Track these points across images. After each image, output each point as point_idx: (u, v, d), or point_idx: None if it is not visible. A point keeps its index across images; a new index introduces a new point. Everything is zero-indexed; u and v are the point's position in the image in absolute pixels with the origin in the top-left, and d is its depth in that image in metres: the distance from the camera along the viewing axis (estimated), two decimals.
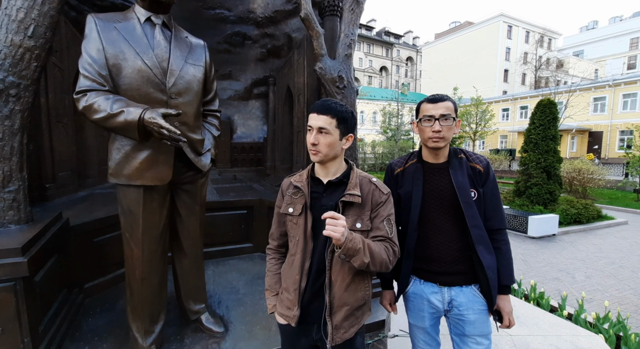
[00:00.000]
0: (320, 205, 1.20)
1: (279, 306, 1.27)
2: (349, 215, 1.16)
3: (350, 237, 1.03)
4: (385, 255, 1.14)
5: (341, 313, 1.17)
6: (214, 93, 2.11)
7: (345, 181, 1.20)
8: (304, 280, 1.19)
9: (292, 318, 1.20)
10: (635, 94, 21.44)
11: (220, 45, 3.63)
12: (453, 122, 1.33)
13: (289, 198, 1.25)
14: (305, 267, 1.19)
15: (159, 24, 1.74)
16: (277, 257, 1.36)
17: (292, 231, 1.24)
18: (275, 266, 1.35)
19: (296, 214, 1.20)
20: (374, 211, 1.20)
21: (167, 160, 1.73)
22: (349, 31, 2.67)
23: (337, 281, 1.17)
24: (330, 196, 1.20)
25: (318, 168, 1.24)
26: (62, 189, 2.53)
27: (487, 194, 1.39)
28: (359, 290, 1.22)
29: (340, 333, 1.17)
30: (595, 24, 45.37)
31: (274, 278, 1.34)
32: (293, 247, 1.23)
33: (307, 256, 1.19)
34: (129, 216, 1.75)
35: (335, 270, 1.17)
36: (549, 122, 8.13)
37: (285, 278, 1.26)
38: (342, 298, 1.17)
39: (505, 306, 1.38)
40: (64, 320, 1.90)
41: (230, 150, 4.05)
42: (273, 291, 1.33)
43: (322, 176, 1.23)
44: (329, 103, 1.18)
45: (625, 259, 5.56)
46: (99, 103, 1.50)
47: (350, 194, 1.15)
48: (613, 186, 13.08)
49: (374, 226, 1.19)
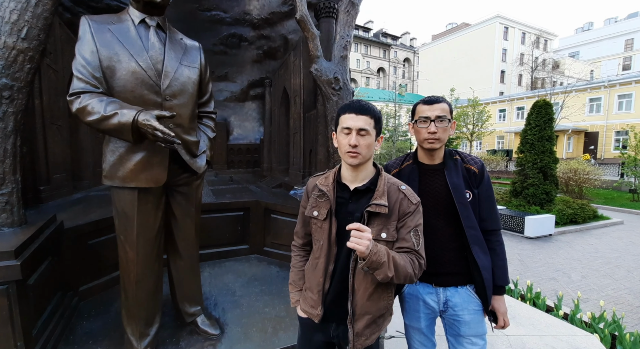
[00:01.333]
0: (345, 211, 1.16)
1: (302, 302, 1.29)
2: (374, 225, 1.11)
3: (375, 250, 0.99)
4: (411, 268, 1.09)
5: (363, 322, 1.16)
6: (209, 95, 2.11)
7: (373, 189, 1.15)
8: (327, 283, 1.20)
9: (315, 316, 1.21)
10: (630, 95, 21.63)
11: (216, 47, 3.63)
12: (448, 124, 1.34)
13: (314, 200, 1.22)
14: (329, 271, 1.19)
15: (153, 26, 1.74)
16: (302, 254, 1.37)
17: (316, 235, 1.22)
18: (300, 262, 1.36)
19: (321, 218, 1.18)
20: (400, 221, 1.14)
21: (162, 162, 1.73)
22: (344, 33, 2.68)
23: (359, 289, 1.14)
24: (356, 203, 1.16)
25: (346, 172, 1.19)
26: (56, 191, 2.51)
27: (482, 195, 1.40)
28: (381, 300, 1.19)
29: (361, 340, 1.16)
30: (590, 25, 45.76)
31: (298, 274, 1.35)
32: (317, 250, 1.22)
33: (330, 260, 1.18)
34: (124, 218, 1.74)
35: (358, 278, 1.15)
36: (545, 123, 8.18)
37: (309, 278, 1.26)
38: (364, 307, 1.15)
39: (500, 306, 1.39)
40: (58, 323, 1.88)
41: (227, 152, 4.05)
42: (297, 287, 1.34)
43: (349, 182, 1.18)
44: (365, 103, 1.14)
45: (621, 259, 5.59)
46: (92, 105, 1.49)
47: (376, 204, 1.10)
48: (609, 186, 13.17)
49: (400, 237, 1.14)
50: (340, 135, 1.14)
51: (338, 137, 1.16)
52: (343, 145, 1.13)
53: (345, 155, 1.13)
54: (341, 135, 1.13)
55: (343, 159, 1.16)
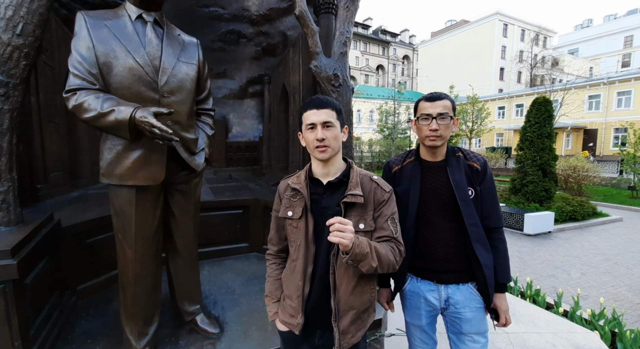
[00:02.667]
0: (321, 207, 1.16)
1: (280, 313, 1.23)
2: (351, 216, 1.11)
3: (357, 242, 0.99)
4: (392, 256, 1.11)
5: (348, 318, 1.14)
6: (207, 92, 2.09)
7: (346, 181, 1.16)
8: (307, 286, 1.15)
9: (295, 326, 1.16)
10: (629, 92, 21.65)
11: (214, 44, 3.59)
12: (450, 121, 1.32)
13: (287, 201, 1.19)
14: (307, 272, 1.15)
15: (150, 22, 1.71)
16: (278, 262, 1.32)
17: (292, 236, 1.19)
18: (276, 271, 1.30)
19: (296, 217, 1.16)
20: (377, 210, 1.16)
21: (160, 160, 1.71)
22: (344, 29, 2.66)
23: (342, 284, 1.13)
24: (330, 197, 1.16)
25: (317, 168, 1.19)
26: (54, 190, 2.49)
27: (485, 192, 1.39)
28: (365, 293, 1.18)
29: (347, 338, 1.14)
30: (590, 22, 45.69)
31: (274, 284, 1.29)
32: (294, 252, 1.18)
33: (309, 261, 1.15)
34: (122, 217, 1.72)
35: (339, 273, 1.13)
36: (545, 120, 8.17)
37: (287, 284, 1.21)
38: (348, 302, 1.13)
39: (502, 304, 1.37)
40: (56, 323, 1.87)
41: (226, 149, 4.02)
42: (274, 298, 1.28)
43: (322, 177, 1.18)
44: (324, 98, 1.16)
45: (620, 256, 5.60)
46: (89, 102, 1.47)
47: (352, 194, 1.11)
48: (608, 183, 13.20)
49: (377, 226, 1.15)
50: (307, 133, 1.13)
51: (304, 135, 1.15)
52: (310, 142, 1.12)
53: (314, 150, 1.13)
54: (307, 132, 1.13)
55: (313, 156, 1.16)
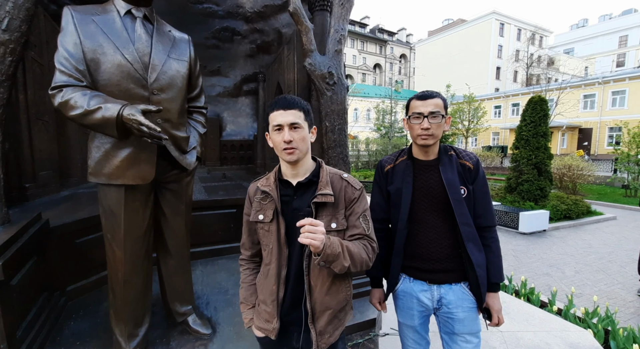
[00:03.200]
0: (292, 209, 1.14)
1: (256, 319, 1.21)
2: (323, 216, 1.10)
3: (328, 243, 0.97)
4: (365, 254, 1.11)
5: (324, 318, 1.13)
6: (199, 89, 2.06)
7: (316, 181, 1.14)
8: (281, 289, 1.13)
9: (271, 331, 1.14)
10: (624, 91, 21.81)
11: (208, 41, 3.55)
12: (442, 119, 1.31)
13: (257, 204, 1.17)
14: (282, 276, 1.13)
15: (140, 17, 1.68)
16: (252, 267, 1.29)
17: (264, 239, 1.16)
18: (250, 276, 1.28)
19: (267, 221, 1.13)
20: (348, 208, 1.15)
21: (150, 159, 1.68)
22: (339, 26, 2.63)
23: (317, 285, 1.12)
24: (301, 198, 1.14)
25: (286, 169, 1.15)
26: (43, 189, 2.44)
27: (477, 191, 1.38)
28: (340, 292, 1.17)
29: (325, 338, 1.13)
30: (585, 21, 45.97)
31: (249, 290, 1.26)
32: (267, 256, 1.16)
33: (283, 264, 1.13)
34: (110, 216, 1.69)
35: (313, 274, 1.12)
36: (540, 119, 8.21)
37: (261, 289, 1.18)
38: (324, 303, 1.12)
39: (495, 304, 1.36)
40: (44, 324, 1.83)
41: (220, 148, 3.98)
42: (249, 304, 1.25)
43: (291, 178, 1.16)
44: (291, 98, 1.12)
45: (614, 254, 5.65)
46: (75, 99, 1.43)
47: (322, 194, 1.09)
48: (602, 182, 13.32)
49: (350, 224, 1.14)
50: (274, 134, 1.10)
51: (272, 137, 1.11)
52: (278, 143, 1.09)
53: (282, 152, 1.10)
54: (274, 133, 1.10)
55: (281, 157, 1.13)
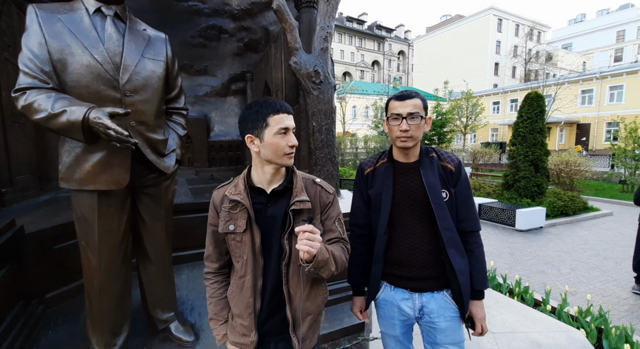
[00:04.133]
0: (266, 217, 1.09)
1: (230, 334, 1.15)
2: (300, 222, 1.06)
3: (320, 249, 0.96)
4: (344, 256, 1.13)
5: (306, 324, 1.12)
6: (178, 90, 1.99)
7: (290, 187, 1.11)
8: (258, 301, 1.09)
9: (249, 344, 1.09)
10: (621, 86, 21.78)
11: (194, 40, 3.47)
12: (421, 121, 1.25)
13: (226, 214, 1.08)
14: (258, 287, 1.09)
15: (110, 15, 1.61)
16: (220, 280, 1.20)
17: (237, 251, 1.09)
18: (219, 290, 1.19)
19: (239, 231, 1.06)
20: (323, 213, 1.15)
21: (123, 163, 1.62)
22: (324, 23, 2.56)
23: (296, 293, 1.09)
24: (276, 205, 1.09)
25: (264, 176, 1.10)
26: (20, 194, 2.38)
27: (459, 194, 1.32)
28: (318, 296, 1.17)
29: (306, 344, 1.13)
30: (583, 16, 45.80)
31: (219, 305, 1.18)
32: (241, 268, 1.09)
33: (258, 274, 1.09)
34: (84, 223, 1.64)
35: (292, 283, 1.08)
36: (537, 115, 8.16)
37: (235, 303, 1.12)
38: (304, 309, 1.10)
39: (478, 312, 1.31)
40: (20, 333, 1.78)
41: (208, 149, 3.91)
42: (221, 320, 1.19)
43: (266, 185, 1.10)
44: (287, 104, 1.11)
45: (610, 250, 5.62)
46: (39, 102, 1.37)
47: (299, 201, 1.06)
48: (599, 177, 13.30)
49: (326, 228, 1.14)
50: (276, 137, 1.04)
51: (272, 140, 1.04)
52: (281, 147, 1.04)
53: (284, 157, 1.06)
54: (277, 136, 1.04)
55: (279, 162, 1.07)
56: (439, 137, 19.87)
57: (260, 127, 1.04)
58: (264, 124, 1.04)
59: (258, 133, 1.05)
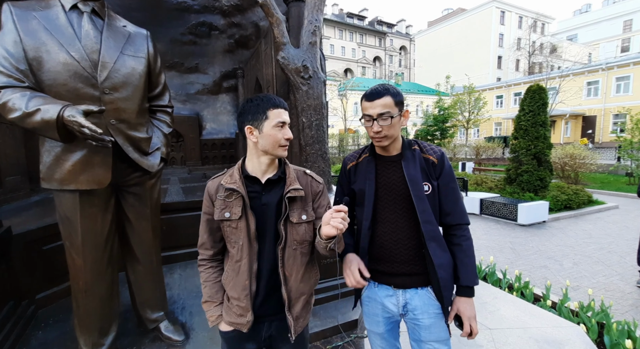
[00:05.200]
0: (260, 204, 1.15)
1: (226, 315, 1.20)
2: (295, 209, 1.15)
3: None
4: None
5: (300, 304, 1.19)
6: (162, 87, 1.97)
7: (283, 177, 1.18)
8: (254, 284, 1.15)
9: (245, 324, 1.15)
10: (628, 77, 21.34)
11: (184, 37, 3.43)
12: (393, 120, 1.20)
13: (221, 202, 1.14)
14: (253, 270, 1.15)
15: (87, 12, 1.58)
16: (215, 266, 1.26)
17: (232, 237, 1.15)
18: (214, 274, 1.25)
19: (235, 218, 1.12)
20: (315, 202, 1.22)
21: (105, 161, 1.60)
22: (313, 17, 2.51)
23: (291, 275, 1.17)
24: (269, 194, 1.16)
25: (260, 166, 1.17)
26: (10, 195, 2.38)
27: (443, 187, 1.28)
28: (311, 277, 1.25)
29: (300, 322, 1.19)
30: (588, 7, 44.95)
31: (214, 288, 1.24)
32: (237, 253, 1.15)
33: (254, 258, 1.15)
34: (67, 223, 1.63)
35: (288, 265, 1.16)
36: (539, 108, 8.01)
37: (231, 286, 1.17)
38: (299, 289, 1.18)
39: (466, 310, 1.24)
40: (10, 335, 1.78)
41: (200, 147, 3.89)
42: (215, 302, 1.23)
43: (260, 175, 1.17)
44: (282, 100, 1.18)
45: (614, 244, 5.51)
46: (13, 101, 1.35)
47: (294, 189, 1.15)
48: (605, 170, 13.08)
49: (319, 216, 1.21)
50: (274, 129, 1.12)
51: (271, 131, 1.12)
52: (278, 139, 1.12)
53: (279, 148, 1.14)
54: (275, 129, 1.12)
55: (275, 153, 1.15)
56: (441, 132, 19.69)
57: (261, 119, 1.11)
58: (264, 117, 1.11)
59: (258, 125, 1.12)
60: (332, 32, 46.10)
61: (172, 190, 3.15)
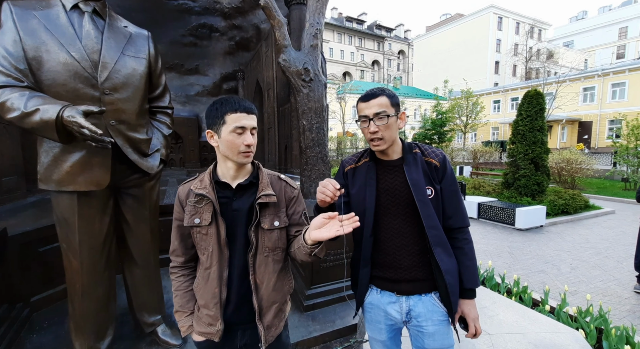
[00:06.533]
0: (231, 210, 1.12)
1: (196, 324, 1.16)
2: (266, 215, 1.12)
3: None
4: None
5: (271, 313, 1.16)
6: (162, 88, 1.95)
7: (255, 182, 1.15)
8: (224, 291, 1.11)
9: (215, 333, 1.11)
10: (623, 83, 21.58)
11: (185, 38, 3.43)
12: (389, 119, 1.19)
13: (191, 208, 1.11)
14: (224, 278, 1.11)
15: (88, 12, 1.57)
16: (186, 274, 1.22)
17: (202, 243, 1.12)
18: (185, 283, 1.21)
19: (205, 224, 1.09)
20: (289, 208, 1.19)
21: (103, 163, 1.58)
22: (314, 20, 2.52)
23: (262, 283, 1.14)
24: (241, 199, 1.13)
25: (229, 171, 1.13)
26: (7, 195, 2.35)
27: (446, 191, 1.27)
28: (284, 285, 1.21)
29: (272, 332, 1.16)
30: (584, 14, 45.56)
31: (185, 297, 1.20)
32: (207, 260, 1.12)
33: (224, 265, 1.11)
34: (64, 225, 1.60)
35: (259, 272, 1.13)
36: (536, 113, 8.07)
37: (201, 294, 1.14)
38: (270, 298, 1.15)
39: (471, 312, 1.25)
40: (3, 338, 1.75)
41: (199, 149, 3.87)
42: (186, 311, 1.20)
43: (231, 180, 1.13)
44: (249, 103, 1.13)
45: (611, 249, 5.54)
46: (12, 101, 1.34)
47: (265, 195, 1.11)
48: (601, 175, 13.18)
49: (293, 222, 1.19)
50: (232, 135, 1.06)
51: (228, 137, 1.06)
52: (236, 145, 1.07)
53: (239, 155, 1.08)
54: (233, 134, 1.06)
55: (235, 159, 1.09)
56: (439, 136, 19.78)
57: (218, 123, 1.07)
58: (222, 121, 1.07)
59: (216, 130, 1.08)
60: (331, 36, 46.35)
61: (170, 192, 3.13)
